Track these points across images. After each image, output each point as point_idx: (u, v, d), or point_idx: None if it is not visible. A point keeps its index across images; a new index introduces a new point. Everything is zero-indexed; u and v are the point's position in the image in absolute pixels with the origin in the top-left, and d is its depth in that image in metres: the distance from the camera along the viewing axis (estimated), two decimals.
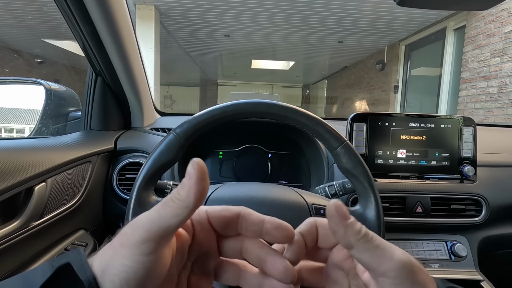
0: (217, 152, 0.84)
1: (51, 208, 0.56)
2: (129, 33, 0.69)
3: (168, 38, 5.14)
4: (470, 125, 0.73)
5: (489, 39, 3.00)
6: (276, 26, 4.45)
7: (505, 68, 2.84)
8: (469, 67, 3.26)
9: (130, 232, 0.18)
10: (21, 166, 0.49)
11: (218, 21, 4.39)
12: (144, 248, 0.18)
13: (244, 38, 5.20)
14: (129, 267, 0.17)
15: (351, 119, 0.72)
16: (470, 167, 0.72)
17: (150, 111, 0.90)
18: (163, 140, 0.43)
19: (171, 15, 4.22)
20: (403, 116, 0.73)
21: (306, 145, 0.81)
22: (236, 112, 0.45)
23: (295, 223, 0.43)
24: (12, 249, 0.48)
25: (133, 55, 0.73)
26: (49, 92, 0.78)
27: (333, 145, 0.44)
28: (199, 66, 7.96)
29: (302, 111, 0.45)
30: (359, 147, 0.71)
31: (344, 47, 5.42)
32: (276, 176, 0.83)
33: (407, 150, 0.72)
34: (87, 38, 0.65)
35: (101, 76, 0.76)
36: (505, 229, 0.78)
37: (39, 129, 0.76)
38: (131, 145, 0.76)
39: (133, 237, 0.18)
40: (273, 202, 0.43)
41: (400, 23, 4.08)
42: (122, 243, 0.18)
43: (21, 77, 0.78)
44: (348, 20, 4.10)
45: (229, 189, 0.45)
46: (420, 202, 0.71)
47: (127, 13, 0.67)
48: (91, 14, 0.60)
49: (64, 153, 0.60)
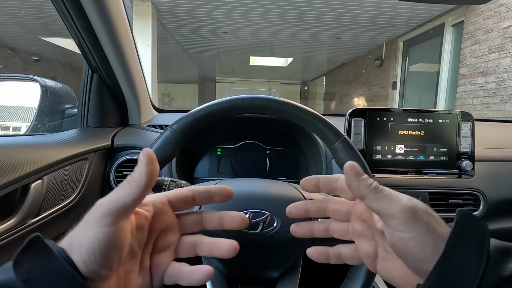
0: (215, 148, 0.84)
1: (48, 206, 0.55)
2: (125, 29, 0.69)
3: (165, 35, 5.11)
4: (468, 120, 0.73)
5: (487, 34, 3.00)
6: (274, 22, 4.42)
7: (503, 63, 2.84)
8: (467, 63, 3.26)
9: (93, 211, 0.21)
10: (16, 163, 0.48)
11: (216, 18, 4.36)
12: (105, 221, 0.21)
13: (242, 35, 5.18)
14: (93, 237, 0.20)
15: (349, 115, 0.71)
16: (468, 162, 0.72)
17: (148, 108, 0.90)
18: (160, 137, 0.43)
19: (168, 11, 4.19)
20: (401, 112, 0.72)
21: (304, 141, 0.81)
22: (234, 107, 0.44)
23: (294, 218, 0.43)
24: (9, 247, 0.48)
25: (129, 51, 0.72)
26: (45, 89, 0.77)
27: (331, 140, 0.44)
28: (197, 63, 7.93)
29: (300, 106, 0.44)
30: (357, 142, 0.71)
31: (342, 43, 5.40)
32: (275, 172, 0.83)
33: (405, 146, 0.72)
34: (82, 34, 0.64)
35: (97, 73, 0.75)
36: (502, 223, 0.78)
37: (35, 126, 0.75)
38: (128, 142, 0.76)
39: (95, 214, 0.21)
40: (271, 197, 0.43)
41: (399, 18, 4.07)
42: (86, 221, 0.21)
43: (15, 74, 0.77)
44: (346, 16, 4.08)
45: (226, 185, 0.45)
46: (418, 197, 0.71)
47: (123, 8, 0.67)
48: (86, 9, 0.59)
49: (61, 150, 0.59)
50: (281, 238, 0.40)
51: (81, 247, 0.20)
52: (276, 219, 0.41)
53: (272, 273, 0.42)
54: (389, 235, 0.24)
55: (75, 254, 0.20)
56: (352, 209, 0.28)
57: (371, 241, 0.27)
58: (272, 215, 0.41)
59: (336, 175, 0.28)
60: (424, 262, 0.22)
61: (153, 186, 0.23)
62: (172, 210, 0.27)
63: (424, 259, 0.22)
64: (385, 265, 0.26)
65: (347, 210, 0.28)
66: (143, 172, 0.22)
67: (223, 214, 0.28)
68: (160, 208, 0.26)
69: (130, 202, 0.22)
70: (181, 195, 0.27)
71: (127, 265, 0.24)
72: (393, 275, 0.26)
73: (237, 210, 0.41)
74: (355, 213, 0.28)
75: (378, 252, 0.27)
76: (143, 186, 0.22)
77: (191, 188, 0.28)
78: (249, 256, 0.40)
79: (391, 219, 0.23)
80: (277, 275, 0.42)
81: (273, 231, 0.40)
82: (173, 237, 0.27)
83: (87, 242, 0.20)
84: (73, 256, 0.20)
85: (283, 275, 0.42)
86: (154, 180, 0.23)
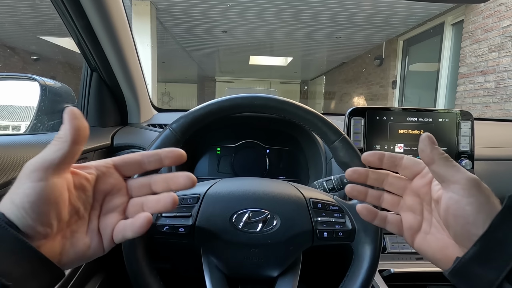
0: (215, 148, 0.83)
1: None
2: (124, 28, 0.68)
3: (165, 34, 5.10)
4: (467, 119, 0.73)
5: (487, 33, 3.00)
6: (273, 21, 4.42)
7: (503, 62, 2.84)
8: (467, 62, 3.26)
9: (22, 170, 0.23)
10: (15, 163, 0.48)
11: (215, 17, 4.35)
12: (33, 177, 0.22)
13: (241, 34, 5.17)
14: (22, 193, 0.22)
15: (349, 114, 0.71)
16: (468, 161, 0.72)
17: (147, 107, 0.90)
18: (159, 136, 0.43)
19: (167, 10, 4.18)
20: (401, 111, 0.72)
21: (304, 140, 0.81)
22: (233, 106, 0.44)
23: (293, 217, 0.43)
24: None
25: (128, 50, 0.72)
26: (44, 88, 0.76)
27: (330, 139, 0.44)
28: (197, 63, 7.92)
29: (299, 104, 0.44)
30: (357, 141, 0.71)
31: (342, 42, 5.40)
32: (274, 172, 0.83)
33: (405, 145, 0.72)
34: (82, 33, 0.64)
35: (97, 72, 0.75)
36: None
37: (34, 126, 0.75)
38: (128, 141, 0.76)
39: (23, 172, 0.22)
40: (271, 196, 0.43)
41: (398, 18, 4.07)
42: (17, 178, 0.23)
43: (15, 73, 0.77)
44: (346, 15, 4.08)
45: (226, 184, 0.45)
46: None
47: (122, 7, 0.66)
48: (85, 8, 0.59)
49: None
50: (280, 237, 0.40)
51: (12, 204, 0.22)
52: (275, 218, 0.41)
53: (272, 272, 0.42)
54: (447, 198, 0.26)
55: (10, 213, 0.22)
56: (410, 184, 0.31)
57: (418, 216, 0.30)
58: (271, 214, 0.41)
59: (400, 155, 0.31)
60: (475, 226, 0.24)
61: (83, 141, 0.24)
62: (121, 174, 0.28)
63: (476, 224, 0.24)
64: (426, 238, 0.29)
65: (403, 185, 0.31)
66: (67, 128, 0.23)
67: (169, 175, 0.28)
68: (105, 171, 0.27)
69: (58, 157, 0.23)
70: (128, 158, 0.28)
71: (73, 226, 0.26)
72: (432, 247, 0.28)
73: (237, 209, 0.41)
74: (412, 188, 0.31)
75: (422, 227, 0.30)
76: (69, 141, 0.23)
77: (140, 153, 0.29)
78: (249, 255, 0.40)
79: (454, 184, 0.25)
80: (277, 274, 0.42)
81: (272, 230, 0.40)
82: (120, 200, 0.28)
83: (18, 198, 0.22)
84: (8, 212, 0.22)
85: (283, 274, 0.42)
86: (82, 135, 0.23)
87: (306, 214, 0.42)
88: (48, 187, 0.22)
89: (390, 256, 0.69)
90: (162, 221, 0.40)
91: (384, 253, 0.69)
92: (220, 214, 0.41)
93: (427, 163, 0.27)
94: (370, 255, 0.40)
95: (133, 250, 0.39)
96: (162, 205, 0.27)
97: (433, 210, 0.29)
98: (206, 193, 0.43)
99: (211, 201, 0.42)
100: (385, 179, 0.32)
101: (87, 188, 0.26)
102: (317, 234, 0.41)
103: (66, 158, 0.23)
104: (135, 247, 0.39)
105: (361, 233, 0.41)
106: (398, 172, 0.32)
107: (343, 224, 0.42)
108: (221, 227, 0.40)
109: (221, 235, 0.40)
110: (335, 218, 0.42)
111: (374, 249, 0.41)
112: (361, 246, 0.41)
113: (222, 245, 0.40)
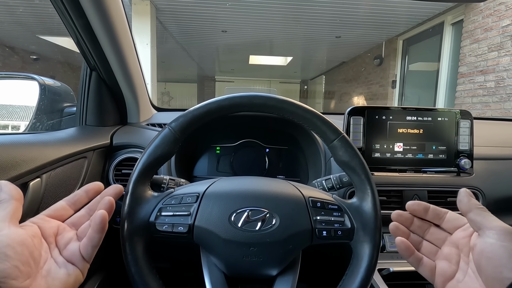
0: (214, 147, 0.83)
1: (47, 204, 0.55)
2: (124, 27, 0.68)
3: (164, 34, 5.09)
4: (467, 118, 0.73)
5: (487, 33, 3.00)
6: (273, 21, 4.41)
7: (502, 62, 2.84)
8: (467, 62, 3.26)
9: None
10: (15, 162, 0.48)
11: (215, 17, 4.35)
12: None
13: (241, 34, 5.17)
14: None
15: (348, 113, 0.71)
16: (467, 160, 0.72)
17: (147, 107, 0.90)
18: (158, 135, 0.43)
19: (167, 10, 4.17)
20: (400, 110, 0.72)
21: (304, 139, 0.81)
22: (232, 105, 0.44)
23: (292, 216, 0.43)
24: None
25: (128, 50, 0.72)
26: (43, 87, 0.77)
27: (329, 138, 0.44)
28: (197, 62, 7.91)
29: (298, 103, 0.44)
30: (356, 140, 0.71)
31: (342, 42, 5.39)
32: (274, 171, 0.83)
33: (404, 144, 0.72)
34: (81, 32, 0.64)
35: (96, 71, 0.75)
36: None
37: (33, 125, 0.75)
38: (127, 140, 0.75)
39: None
40: (270, 195, 0.43)
41: (398, 17, 4.07)
42: None
43: (14, 72, 0.77)
44: (346, 14, 4.08)
45: (225, 183, 0.45)
46: (417, 196, 0.71)
47: (121, 6, 0.66)
48: (84, 7, 0.59)
49: (59, 148, 0.59)
50: (280, 236, 0.40)
51: None
52: (275, 217, 0.41)
53: (271, 271, 0.42)
54: (482, 243, 0.29)
55: None
56: (450, 237, 0.34)
57: (453, 265, 0.33)
58: (271, 213, 0.41)
59: (444, 209, 0.35)
60: (507, 269, 0.26)
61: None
62: (60, 219, 0.35)
63: (509, 267, 0.26)
64: (457, 286, 0.31)
65: (444, 237, 0.35)
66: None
67: (84, 187, 0.37)
68: (40, 222, 0.33)
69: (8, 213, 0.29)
70: (56, 207, 0.35)
71: (45, 266, 0.30)
72: None
73: (236, 208, 0.41)
74: (452, 239, 0.34)
75: (456, 275, 0.32)
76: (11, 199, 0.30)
77: (63, 200, 0.36)
78: (248, 254, 0.40)
79: (489, 231, 0.29)
80: (276, 273, 0.42)
81: (272, 229, 0.40)
82: (70, 233, 0.34)
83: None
84: None
85: (282, 272, 0.42)
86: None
87: (305, 213, 0.42)
88: (14, 234, 0.28)
89: (389, 255, 0.69)
90: (161, 220, 0.40)
91: (383, 252, 0.69)
92: (219, 212, 0.41)
93: (464, 212, 0.31)
94: (369, 254, 0.40)
95: (133, 249, 0.39)
96: (111, 193, 0.37)
97: (470, 261, 0.31)
98: (205, 192, 0.43)
99: (210, 200, 0.42)
100: (427, 229, 0.36)
101: (38, 234, 0.31)
102: (316, 233, 0.41)
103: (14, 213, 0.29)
104: (134, 246, 0.39)
105: (360, 232, 0.42)
106: (440, 224, 0.35)
107: (342, 223, 0.42)
108: (220, 226, 0.40)
109: (220, 234, 0.40)
110: (334, 217, 0.42)
111: (373, 248, 0.41)
112: (360, 245, 0.41)
113: (221, 244, 0.40)
